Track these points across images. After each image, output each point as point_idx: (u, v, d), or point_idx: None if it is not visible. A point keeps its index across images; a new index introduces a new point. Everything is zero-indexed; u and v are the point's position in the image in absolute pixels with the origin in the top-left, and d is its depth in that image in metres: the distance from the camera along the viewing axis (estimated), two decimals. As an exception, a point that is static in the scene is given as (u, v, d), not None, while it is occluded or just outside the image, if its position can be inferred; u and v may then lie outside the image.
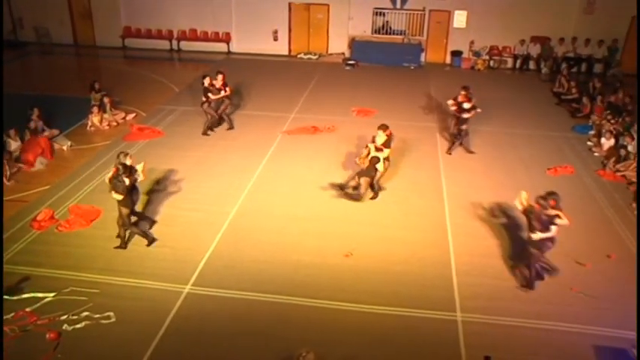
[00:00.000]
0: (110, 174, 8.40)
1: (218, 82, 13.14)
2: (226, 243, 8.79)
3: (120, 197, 8.21)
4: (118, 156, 8.54)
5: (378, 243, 8.88)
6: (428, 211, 9.90)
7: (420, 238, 9.05)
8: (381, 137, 9.96)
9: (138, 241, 8.72)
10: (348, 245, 8.75)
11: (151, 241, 8.68)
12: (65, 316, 7.11)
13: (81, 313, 7.15)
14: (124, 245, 8.57)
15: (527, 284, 7.83)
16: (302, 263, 8.30)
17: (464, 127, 12.27)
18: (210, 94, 12.93)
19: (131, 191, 8.43)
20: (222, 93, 13.16)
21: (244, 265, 8.25)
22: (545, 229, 7.50)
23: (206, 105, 12.97)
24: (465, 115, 12.20)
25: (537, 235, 7.53)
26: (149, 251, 8.51)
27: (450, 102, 12.54)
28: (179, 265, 8.18)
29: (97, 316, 7.13)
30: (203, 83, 12.96)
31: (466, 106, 12.15)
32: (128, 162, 8.49)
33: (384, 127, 10.03)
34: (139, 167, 8.68)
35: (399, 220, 9.61)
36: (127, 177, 8.21)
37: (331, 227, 9.30)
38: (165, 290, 7.67)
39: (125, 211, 8.40)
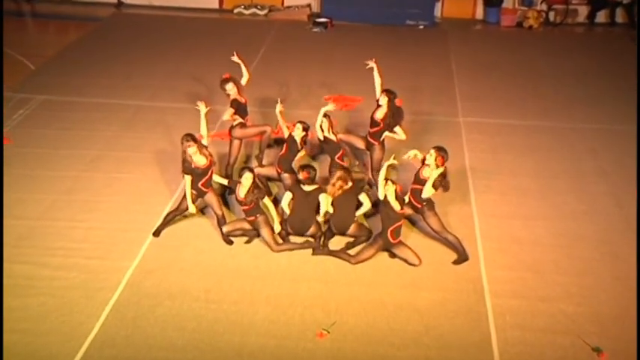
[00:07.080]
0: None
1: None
2: (121, 319, 8.72)
3: None
4: None
5: (370, 313, 8.93)
6: (450, 257, 10.03)
7: (439, 303, 9.14)
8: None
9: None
10: (322, 318, 8.78)
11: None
12: None
13: None
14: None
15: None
16: (247, 349, 8.29)
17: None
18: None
19: None
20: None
21: (151, 355, 8.19)
22: None
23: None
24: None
25: None
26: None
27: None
28: (40, 361, 8.10)
29: None
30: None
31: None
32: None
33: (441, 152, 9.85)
34: None
35: (403, 274, 9.71)
36: None
37: (295, 287, 9.35)
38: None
39: None
